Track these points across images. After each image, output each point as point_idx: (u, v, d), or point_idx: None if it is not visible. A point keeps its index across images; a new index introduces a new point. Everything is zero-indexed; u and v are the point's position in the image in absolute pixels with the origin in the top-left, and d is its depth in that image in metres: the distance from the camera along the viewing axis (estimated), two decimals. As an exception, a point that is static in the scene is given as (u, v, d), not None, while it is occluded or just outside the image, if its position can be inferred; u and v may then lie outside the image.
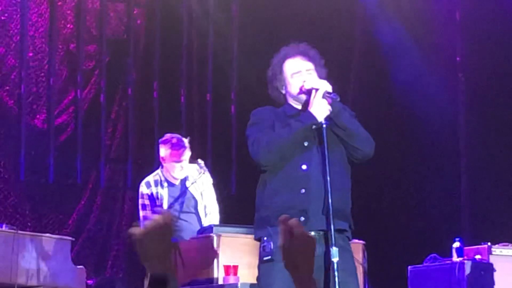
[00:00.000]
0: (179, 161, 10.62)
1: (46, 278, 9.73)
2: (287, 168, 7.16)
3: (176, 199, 10.72)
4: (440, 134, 13.79)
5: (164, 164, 10.78)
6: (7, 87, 13.57)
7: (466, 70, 14.18)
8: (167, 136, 10.76)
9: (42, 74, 13.99)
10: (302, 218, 6.81)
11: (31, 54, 13.79)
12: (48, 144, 13.83)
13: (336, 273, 6.73)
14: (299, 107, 7.32)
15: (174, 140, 10.71)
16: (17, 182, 13.51)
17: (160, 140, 10.92)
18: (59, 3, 14.19)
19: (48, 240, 10.11)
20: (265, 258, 7.02)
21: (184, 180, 10.73)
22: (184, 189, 10.77)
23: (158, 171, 10.89)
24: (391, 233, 13.17)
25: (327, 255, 6.83)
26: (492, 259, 10.26)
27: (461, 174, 13.48)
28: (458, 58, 13.81)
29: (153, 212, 10.23)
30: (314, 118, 7.04)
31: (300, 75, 7.23)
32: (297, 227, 3.83)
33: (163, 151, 10.78)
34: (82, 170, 13.88)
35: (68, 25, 14.38)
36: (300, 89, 7.23)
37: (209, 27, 15.02)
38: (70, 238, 10.39)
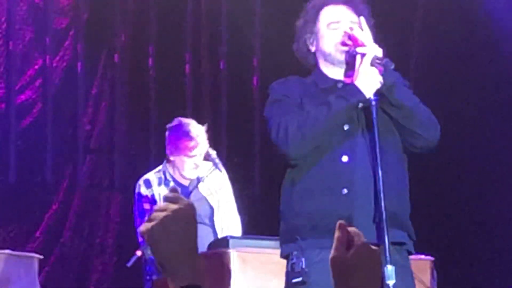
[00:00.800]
0: (191, 156, 10.72)
1: None
2: (323, 161, 7.17)
3: None
4: None
5: (170, 158, 10.89)
6: (-48, 53, 11.64)
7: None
8: (177, 121, 10.79)
9: None
10: (348, 219, 6.39)
11: None
12: (7, 131, 13.57)
13: None
14: (335, 75, 7.37)
15: (186, 127, 10.77)
16: None
17: (168, 126, 10.93)
18: None
19: (8, 257, 10.27)
20: (294, 281, 7.03)
21: (197, 181, 10.83)
22: (197, 195, 10.96)
23: (162, 167, 11.08)
24: (469, 248, 13.00)
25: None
26: None
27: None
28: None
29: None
30: (360, 93, 7.03)
31: (340, 27, 7.31)
32: (358, 236, 3.65)
33: (171, 141, 10.87)
34: (53, 165, 13.44)
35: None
36: (345, 57, 7.30)
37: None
38: (37, 255, 10.39)
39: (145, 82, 14.50)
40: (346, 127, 7.23)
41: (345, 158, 7.21)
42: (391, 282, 6.84)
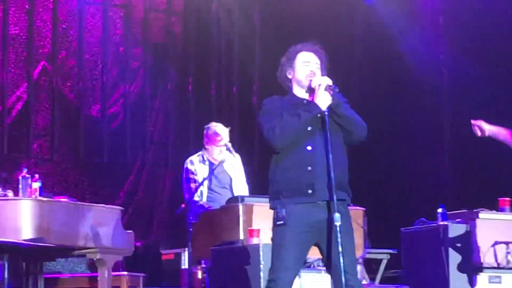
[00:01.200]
0: (219, 146, 10.70)
1: (101, 241, 9.51)
2: (295, 150, 7.01)
3: (211, 174, 10.59)
4: (428, 118, 13.47)
5: (206, 146, 10.87)
6: (68, 83, 13.70)
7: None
8: (211, 124, 10.94)
9: (97, 72, 14.07)
10: (310, 191, 6.84)
11: (87, 56, 13.99)
12: (103, 131, 13.97)
13: (338, 235, 6.58)
14: (303, 96, 7.18)
15: (217, 128, 10.82)
16: (77, 162, 13.56)
17: (205, 126, 11.00)
18: (110, 14, 14.27)
19: (103, 209, 9.90)
20: (278, 223, 6.89)
21: (221, 161, 10.65)
22: (221, 169, 10.75)
23: (201, 152, 10.93)
24: (388, 201, 13.21)
25: (330, 220, 6.70)
26: (471, 223, 10.07)
27: (444, 150, 13.57)
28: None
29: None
30: (318, 108, 6.92)
31: (309, 65, 7.12)
32: None
33: (207, 135, 10.90)
34: (130, 151, 14.03)
35: (117, 32, 14.51)
36: (309, 84, 7.05)
37: (234, 34, 14.96)
38: (120, 208, 10.18)
39: (187, 100, 14.59)
40: (309, 128, 6.99)
41: (309, 148, 6.99)
42: (338, 223, 6.62)
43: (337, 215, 6.59)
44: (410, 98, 13.72)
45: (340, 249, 6.56)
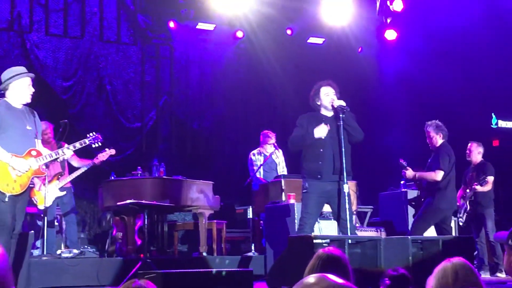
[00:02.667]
0: (270, 144, 10.58)
1: (200, 202, 9.55)
2: (312, 149, 7.27)
3: (265, 161, 10.49)
4: (389, 115, 12.83)
5: (263, 145, 10.68)
6: (181, 109, 12.88)
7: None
8: (265, 131, 10.79)
9: (198, 102, 13.06)
10: (319, 176, 7.18)
11: (191, 93, 12.97)
12: (199, 139, 12.91)
13: (344, 199, 6.98)
14: (326, 113, 7.38)
15: (268, 133, 10.68)
16: (184, 154, 12.69)
17: (261, 132, 10.74)
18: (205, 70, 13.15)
19: (201, 183, 9.75)
20: (304, 191, 7.32)
21: (271, 153, 10.60)
22: (271, 159, 10.62)
23: (259, 147, 10.68)
24: (372, 174, 12.07)
25: (336, 189, 7.05)
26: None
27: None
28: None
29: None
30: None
31: (328, 95, 7.34)
32: None
33: (262, 138, 10.71)
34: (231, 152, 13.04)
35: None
36: (331, 104, 7.29)
37: (283, 77, 13.01)
38: (212, 182, 9.85)
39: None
40: (322, 137, 7.24)
41: (321, 150, 7.23)
42: (346, 190, 6.98)
43: (345, 186, 6.97)
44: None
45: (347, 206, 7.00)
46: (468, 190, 9.80)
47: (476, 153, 9.94)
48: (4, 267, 0.88)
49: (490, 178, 9.74)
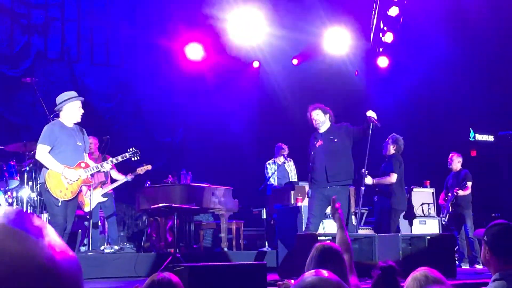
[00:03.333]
0: (283, 154, 10.35)
1: (221, 205, 9.52)
2: (310, 162, 7.42)
3: (277, 169, 10.37)
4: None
5: (277, 156, 10.48)
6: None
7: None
8: (279, 144, 10.63)
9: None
10: (315, 183, 7.30)
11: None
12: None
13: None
14: (320, 130, 7.42)
15: (281, 146, 10.50)
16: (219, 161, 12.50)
17: (276, 145, 10.60)
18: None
19: (222, 189, 9.71)
20: (308, 196, 7.52)
21: (283, 163, 10.45)
22: (283, 167, 10.52)
23: (273, 158, 10.53)
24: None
25: (330, 194, 6.84)
26: (409, 194, 10.04)
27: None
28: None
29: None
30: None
31: (314, 118, 7.40)
32: None
33: (276, 150, 10.53)
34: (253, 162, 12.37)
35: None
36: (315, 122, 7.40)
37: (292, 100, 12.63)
38: (231, 187, 9.80)
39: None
40: (313, 153, 7.41)
41: (310, 164, 7.41)
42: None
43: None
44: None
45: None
46: (450, 194, 9.81)
47: (456, 162, 9.99)
48: (78, 275, 0.90)
49: (469, 184, 9.77)
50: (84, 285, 0.96)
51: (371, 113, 7.25)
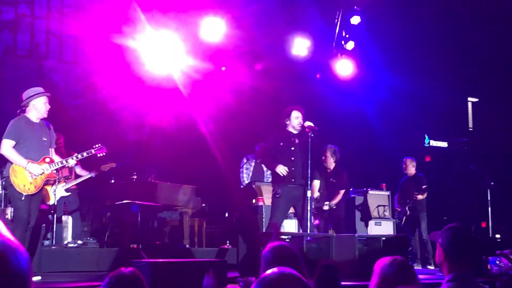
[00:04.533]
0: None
1: (185, 202, 9.60)
2: (285, 159, 7.26)
3: (254, 167, 9.92)
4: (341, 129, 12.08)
5: (257, 154, 9.90)
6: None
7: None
8: (261, 143, 9.88)
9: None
10: (293, 180, 7.20)
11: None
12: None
13: (306, 202, 7.09)
14: (292, 130, 7.34)
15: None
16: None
17: (258, 144, 9.92)
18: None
19: (186, 187, 9.74)
20: (276, 195, 7.26)
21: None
22: (260, 166, 9.89)
23: (253, 155, 10.03)
24: None
25: (301, 194, 7.15)
26: (365, 196, 10.20)
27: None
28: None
29: None
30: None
31: (298, 118, 7.32)
32: None
33: (257, 148, 9.91)
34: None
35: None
36: (302, 125, 7.29)
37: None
38: (194, 186, 9.79)
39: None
40: (292, 148, 7.30)
41: (292, 158, 7.27)
42: (308, 195, 7.09)
43: (309, 192, 7.16)
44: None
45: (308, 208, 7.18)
46: (408, 200, 9.87)
47: (411, 166, 10.15)
48: (27, 271, 0.86)
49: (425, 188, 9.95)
50: (32, 278, 0.91)
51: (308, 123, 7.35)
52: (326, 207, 8.77)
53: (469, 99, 14.32)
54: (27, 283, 0.87)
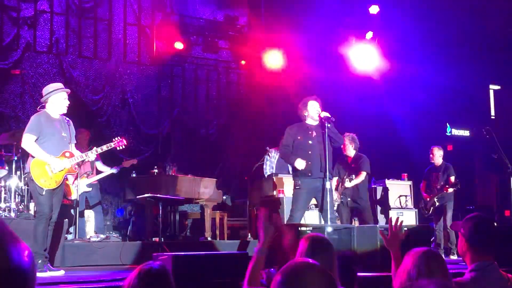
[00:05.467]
0: (268, 153, 10.21)
1: (206, 195, 9.55)
2: (303, 152, 7.21)
3: (278, 159, 9.96)
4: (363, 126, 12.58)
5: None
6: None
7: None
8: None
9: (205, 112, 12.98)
10: (309, 174, 7.14)
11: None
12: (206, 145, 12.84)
13: (326, 193, 7.01)
14: (312, 122, 7.31)
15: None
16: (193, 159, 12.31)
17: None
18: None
19: (207, 179, 9.75)
20: (297, 187, 7.24)
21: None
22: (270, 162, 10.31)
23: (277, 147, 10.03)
24: None
25: (322, 186, 7.02)
26: (384, 185, 10.24)
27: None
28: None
29: None
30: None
31: (315, 107, 7.23)
32: None
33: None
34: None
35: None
36: (318, 115, 7.24)
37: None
38: (216, 179, 10.00)
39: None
40: (310, 142, 7.22)
41: (310, 152, 7.19)
42: (328, 186, 7.03)
43: (328, 184, 7.05)
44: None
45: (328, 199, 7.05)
46: (436, 191, 9.64)
47: (438, 156, 9.90)
48: (29, 266, 0.85)
49: (453, 178, 9.71)
50: (35, 274, 0.90)
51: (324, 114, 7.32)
52: (347, 184, 8.63)
53: (491, 86, 14.33)
54: (29, 279, 0.85)
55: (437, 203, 9.69)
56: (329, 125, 7.10)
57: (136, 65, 12.26)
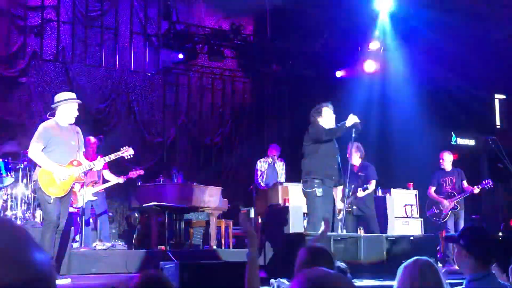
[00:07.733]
0: (273, 155, 10.34)
1: (211, 204, 9.47)
2: (330, 155, 7.09)
3: (267, 170, 10.28)
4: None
5: (269, 154, 10.34)
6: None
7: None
8: (274, 144, 10.63)
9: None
10: (334, 178, 7.02)
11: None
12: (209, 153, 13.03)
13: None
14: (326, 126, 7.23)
15: (275, 146, 10.48)
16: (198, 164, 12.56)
17: (271, 145, 10.57)
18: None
19: (213, 188, 9.66)
20: (319, 195, 6.93)
21: (274, 163, 10.34)
22: (273, 167, 10.38)
23: (265, 157, 10.39)
24: None
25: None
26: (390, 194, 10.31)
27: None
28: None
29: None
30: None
31: (330, 114, 7.20)
32: None
33: (270, 149, 10.38)
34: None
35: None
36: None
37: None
38: (221, 188, 9.78)
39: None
40: (336, 146, 7.19)
41: (337, 156, 7.12)
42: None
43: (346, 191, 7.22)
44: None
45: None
46: (454, 195, 9.53)
47: (448, 161, 9.86)
48: (51, 274, 0.89)
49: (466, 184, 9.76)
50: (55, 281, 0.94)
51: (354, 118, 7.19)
52: (360, 193, 8.63)
53: (496, 96, 14.31)
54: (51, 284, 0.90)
55: (458, 207, 9.51)
56: (358, 130, 7.10)
57: (141, 74, 12.34)
